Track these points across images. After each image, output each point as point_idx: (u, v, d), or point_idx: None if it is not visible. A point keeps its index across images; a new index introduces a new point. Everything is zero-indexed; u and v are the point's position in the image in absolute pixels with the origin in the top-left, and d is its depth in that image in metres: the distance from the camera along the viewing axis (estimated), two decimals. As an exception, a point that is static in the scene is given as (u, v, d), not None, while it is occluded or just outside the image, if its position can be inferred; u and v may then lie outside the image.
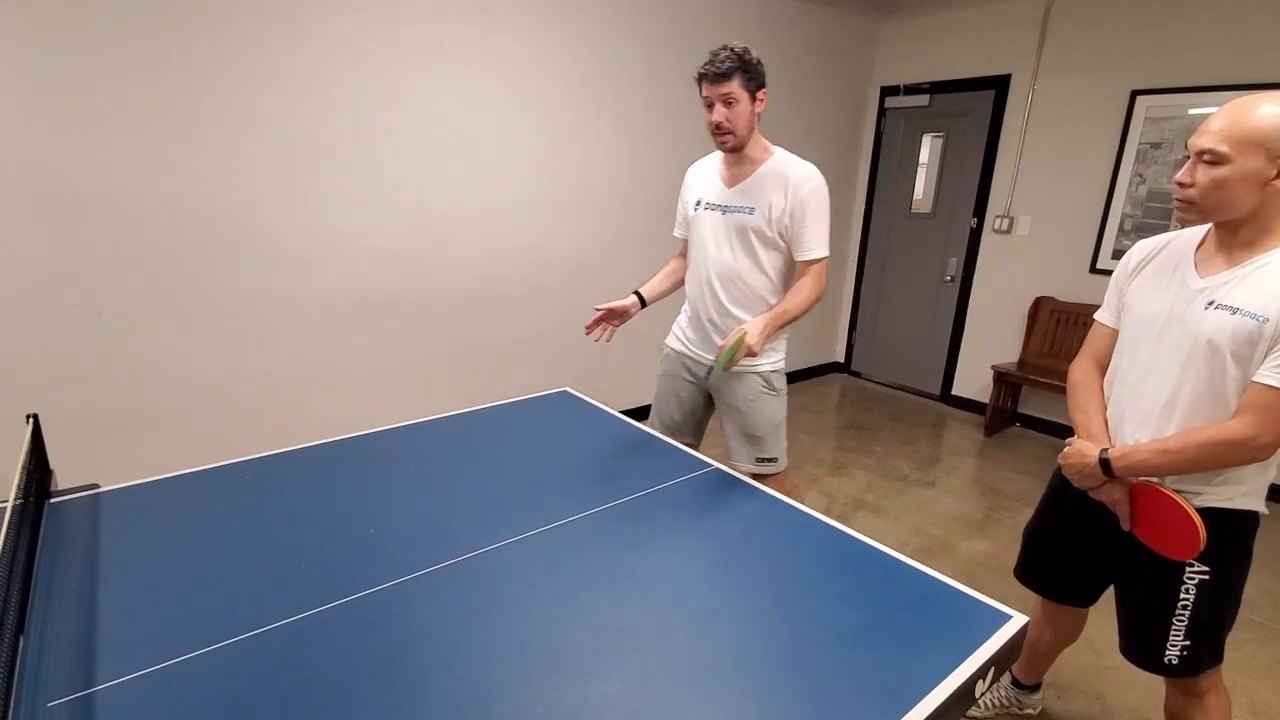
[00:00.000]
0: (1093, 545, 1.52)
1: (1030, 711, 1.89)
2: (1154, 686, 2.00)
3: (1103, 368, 1.48)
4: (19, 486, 1.19)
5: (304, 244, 2.63)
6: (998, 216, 4.14)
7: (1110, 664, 2.07)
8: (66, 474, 1.54)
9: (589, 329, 1.85)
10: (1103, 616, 1.66)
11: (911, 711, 0.88)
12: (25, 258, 2.12)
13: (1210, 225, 1.30)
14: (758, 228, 1.75)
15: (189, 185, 2.35)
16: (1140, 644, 1.42)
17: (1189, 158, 1.23)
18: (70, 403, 2.26)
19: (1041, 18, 3.79)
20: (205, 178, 2.38)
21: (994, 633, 1.04)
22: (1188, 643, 1.35)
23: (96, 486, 1.44)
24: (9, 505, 1.12)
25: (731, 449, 1.94)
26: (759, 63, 1.66)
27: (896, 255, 4.77)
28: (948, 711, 0.91)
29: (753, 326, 1.65)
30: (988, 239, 4.24)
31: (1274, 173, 1.14)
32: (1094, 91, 3.65)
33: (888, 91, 4.58)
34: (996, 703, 1.88)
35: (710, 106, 1.68)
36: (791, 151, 1.78)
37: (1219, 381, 1.23)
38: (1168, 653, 1.37)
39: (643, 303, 1.94)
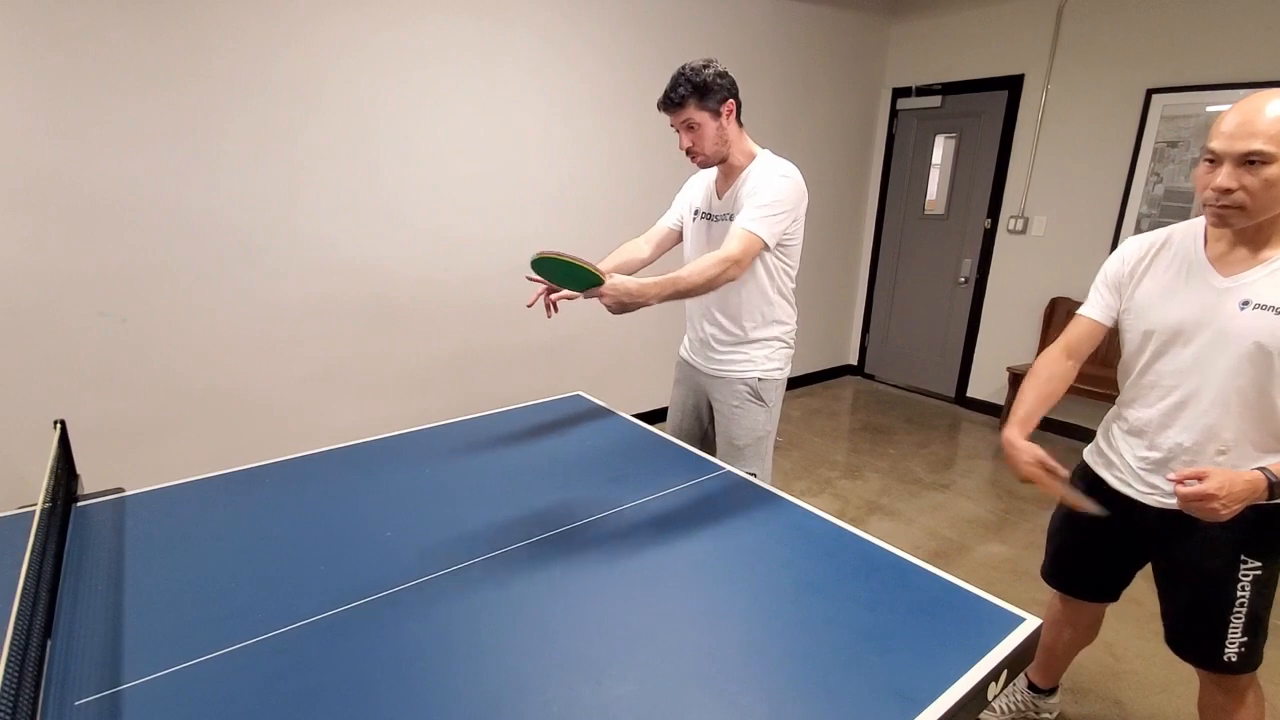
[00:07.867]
0: (1127, 541, 1.50)
1: (1047, 715, 1.87)
2: (1174, 690, 1.98)
3: (1075, 359, 1.47)
4: (47, 490, 1.23)
5: (325, 251, 2.67)
6: (1012, 217, 4.11)
7: (1128, 668, 2.05)
8: (92, 478, 1.58)
9: (530, 304, 1.70)
10: (1120, 620, 1.64)
11: (924, 713, 0.88)
12: (53, 266, 2.17)
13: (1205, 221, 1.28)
14: None
15: (212, 195, 2.40)
16: (1195, 643, 1.41)
17: (1211, 161, 1.20)
18: (96, 408, 2.31)
19: (1054, 17, 3.76)
20: (228, 187, 2.42)
21: (1007, 635, 1.04)
22: (1245, 639, 1.35)
23: (121, 490, 1.47)
24: (37, 509, 1.15)
25: (719, 456, 1.89)
26: (718, 78, 1.62)
27: (910, 256, 4.75)
28: (960, 714, 0.91)
29: (620, 284, 1.40)
30: (1002, 239, 4.21)
31: None
32: (1108, 90, 3.62)
33: (900, 93, 4.57)
34: (1012, 707, 1.86)
35: (678, 131, 1.70)
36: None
37: (1264, 381, 1.22)
38: (1227, 650, 1.36)
39: None
